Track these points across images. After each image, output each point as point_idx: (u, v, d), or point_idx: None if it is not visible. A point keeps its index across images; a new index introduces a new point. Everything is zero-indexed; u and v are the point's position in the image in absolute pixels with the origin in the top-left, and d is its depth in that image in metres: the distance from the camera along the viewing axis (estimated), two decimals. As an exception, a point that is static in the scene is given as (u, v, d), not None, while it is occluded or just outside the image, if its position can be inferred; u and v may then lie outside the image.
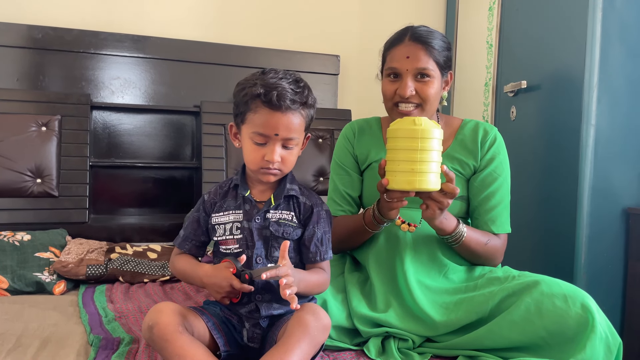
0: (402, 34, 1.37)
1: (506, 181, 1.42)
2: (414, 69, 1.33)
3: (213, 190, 1.24)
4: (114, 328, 1.34)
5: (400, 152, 1.16)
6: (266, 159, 1.12)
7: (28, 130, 2.00)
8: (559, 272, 1.86)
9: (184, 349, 1.00)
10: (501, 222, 1.39)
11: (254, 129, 1.12)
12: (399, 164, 1.16)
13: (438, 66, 1.34)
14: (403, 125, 1.16)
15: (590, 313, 1.12)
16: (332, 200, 1.50)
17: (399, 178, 1.16)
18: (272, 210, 1.17)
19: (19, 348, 1.20)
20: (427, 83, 1.33)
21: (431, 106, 1.36)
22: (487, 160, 1.40)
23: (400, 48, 1.35)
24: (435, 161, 1.16)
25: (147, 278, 1.80)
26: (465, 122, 1.47)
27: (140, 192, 2.32)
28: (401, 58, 1.34)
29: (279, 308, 1.15)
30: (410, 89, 1.33)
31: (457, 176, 1.40)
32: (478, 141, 1.41)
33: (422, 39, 1.34)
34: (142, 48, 2.29)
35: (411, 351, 1.22)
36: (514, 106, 2.19)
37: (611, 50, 1.79)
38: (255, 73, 1.16)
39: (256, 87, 1.10)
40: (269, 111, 1.10)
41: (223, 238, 1.17)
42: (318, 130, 2.43)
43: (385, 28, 2.77)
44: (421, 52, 1.33)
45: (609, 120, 1.80)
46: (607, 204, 1.81)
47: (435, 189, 1.17)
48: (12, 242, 1.77)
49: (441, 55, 1.35)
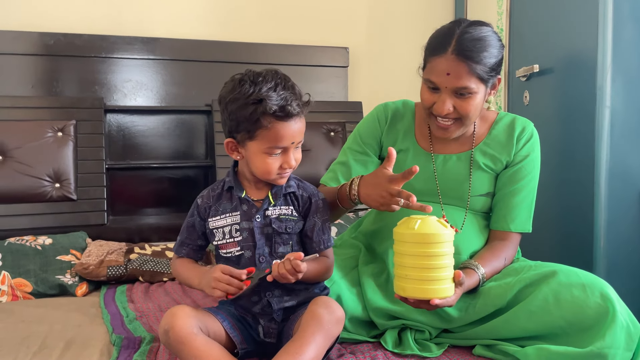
0: (446, 42, 1.24)
1: (534, 180, 1.38)
2: (453, 87, 1.25)
3: (206, 194, 1.23)
4: (135, 327, 1.37)
5: (409, 258, 1.10)
6: (285, 167, 1.13)
7: (45, 136, 2.04)
8: (578, 257, 1.84)
9: (200, 350, 1.02)
10: (520, 220, 1.36)
11: (271, 144, 1.10)
12: (409, 270, 1.10)
13: (482, 80, 1.25)
14: (410, 230, 1.09)
15: (610, 302, 1.11)
16: (333, 171, 1.43)
17: (411, 286, 1.09)
18: (270, 207, 1.17)
19: (44, 350, 1.23)
20: (467, 99, 1.26)
21: (470, 120, 1.30)
22: (520, 157, 1.37)
23: (441, 62, 1.24)
24: (447, 266, 1.10)
25: (166, 277, 1.83)
26: (500, 116, 1.42)
27: (156, 192, 2.35)
28: (441, 73, 1.24)
29: (290, 300, 1.17)
30: (448, 106, 1.26)
31: (486, 172, 1.38)
32: (514, 137, 1.37)
33: (466, 53, 1.22)
34: (151, 50, 2.31)
35: (428, 342, 1.22)
36: (527, 91, 2.16)
37: (624, 30, 1.75)
38: (241, 84, 1.10)
39: (266, 104, 1.07)
40: (284, 124, 1.10)
41: (223, 242, 1.18)
42: (329, 123, 2.43)
43: (394, 17, 2.74)
44: (463, 70, 1.22)
45: (624, 101, 1.77)
46: (625, 187, 1.78)
47: (449, 294, 1.11)
48: (34, 246, 1.81)
49: (487, 67, 1.24)
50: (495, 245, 1.34)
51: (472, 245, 1.35)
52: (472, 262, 1.25)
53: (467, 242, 1.35)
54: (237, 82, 1.12)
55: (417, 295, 1.10)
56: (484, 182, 1.39)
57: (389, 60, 2.71)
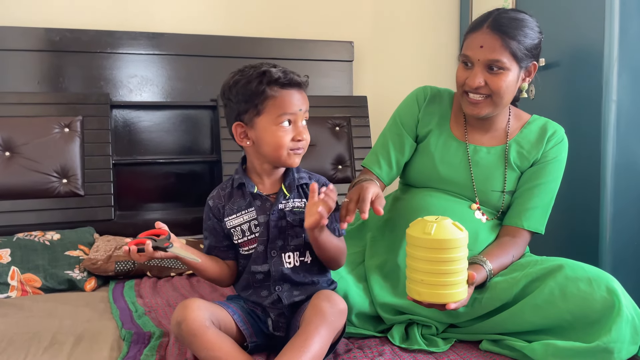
0: (484, 20, 1.30)
1: (556, 182, 1.39)
2: (485, 60, 1.27)
3: (215, 194, 1.23)
4: (145, 322, 1.38)
5: (425, 263, 1.08)
6: (297, 138, 1.15)
7: (52, 132, 2.05)
8: (584, 251, 1.85)
9: (211, 343, 1.03)
10: (535, 220, 1.36)
11: (280, 112, 1.13)
12: (424, 275, 1.09)
13: (515, 58, 1.27)
14: (426, 235, 1.07)
15: (616, 296, 1.11)
16: (375, 155, 1.46)
17: (427, 291, 1.09)
18: (283, 201, 1.18)
19: (54, 345, 1.25)
20: (499, 75, 1.28)
21: (502, 99, 1.31)
22: (547, 157, 1.38)
23: (477, 35, 1.29)
24: (463, 270, 1.10)
25: (173, 272, 1.84)
26: (534, 118, 1.45)
27: (162, 187, 2.36)
28: (475, 46, 1.28)
29: (299, 295, 1.18)
30: (479, 79, 1.28)
31: (513, 171, 1.39)
32: (546, 136, 1.39)
33: (502, 28, 1.26)
34: (157, 45, 2.31)
35: (435, 337, 1.23)
36: (533, 85, 2.15)
37: (631, 24, 1.74)
38: (241, 70, 1.16)
39: (270, 73, 1.12)
40: (289, 91, 1.14)
41: (244, 239, 1.19)
42: (334, 118, 2.43)
43: (399, 12, 2.73)
44: (497, 42, 1.26)
45: (631, 95, 1.76)
46: (631, 181, 1.78)
47: (464, 297, 1.12)
48: (42, 241, 1.83)
49: (522, 45, 1.27)
50: (505, 241, 1.35)
51: (490, 239, 1.36)
52: (480, 257, 1.26)
53: (488, 236, 1.36)
54: (236, 71, 1.17)
55: (433, 300, 1.09)
56: (511, 179, 1.39)
57: (394, 55, 2.71)
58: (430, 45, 2.74)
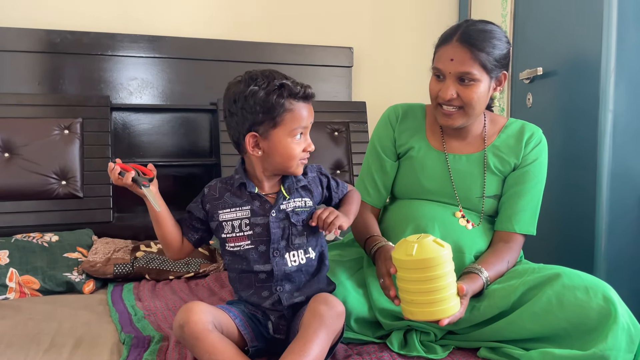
0: (453, 33, 1.33)
1: (540, 184, 1.42)
2: (456, 72, 1.30)
3: (213, 185, 1.26)
4: (144, 326, 1.38)
5: (412, 283, 1.10)
6: (308, 150, 1.20)
7: (51, 133, 2.05)
8: (579, 259, 1.86)
9: (214, 347, 1.04)
10: (525, 222, 1.39)
11: (296, 125, 1.16)
12: (414, 295, 1.10)
13: (485, 69, 1.30)
14: (408, 257, 1.08)
15: (612, 304, 1.13)
16: (362, 183, 1.51)
17: (419, 310, 1.10)
18: (284, 201, 1.20)
19: (53, 348, 1.25)
20: (471, 87, 1.31)
21: (474, 109, 1.34)
22: (528, 160, 1.40)
23: (447, 49, 1.32)
24: (451, 284, 1.11)
25: (172, 275, 1.85)
26: (510, 122, 1.47)
27: (161, 190, 2.30)
28: (446, 60, 1.32)
29: (299, 296, 1.19)
30: (452, 92, 1.31)
31: (495, 175, 1.42)
32: (523, 140, 1.41)
33: (470, 40, 1.29)
34: (157, 48, 2.32)
35: (433, 344, 1.24)
36: (530, 93, 2.18)
37: (628, 33, 1.76)
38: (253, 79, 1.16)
39: (289, 88, 1.15)
40: (304, 105, 1.18)
41: (232, 235, 1.20)
42: (333, 123, 2.44)
43: (399, 17, 2.75)
44: (466, 55, 1.29)
45: (627, 104, 1.78)
46: (627, 190, 1.79)
47: (457, 310, 1.12)
48: (41, 243, 1.83)
49: (491, 57, 1.30)
50: (499, 248, 1.36)
51: (476, 245, 1.38)
52: (475, 266, 1.28)
53: (472, 242, 1.37)
54: (247, 80, 1.16)
55: (426, 318, 1.11)
56: (493, 183, 1.41)
57: (393, 61, 2.72)
58: (429, 51, 2.75)
